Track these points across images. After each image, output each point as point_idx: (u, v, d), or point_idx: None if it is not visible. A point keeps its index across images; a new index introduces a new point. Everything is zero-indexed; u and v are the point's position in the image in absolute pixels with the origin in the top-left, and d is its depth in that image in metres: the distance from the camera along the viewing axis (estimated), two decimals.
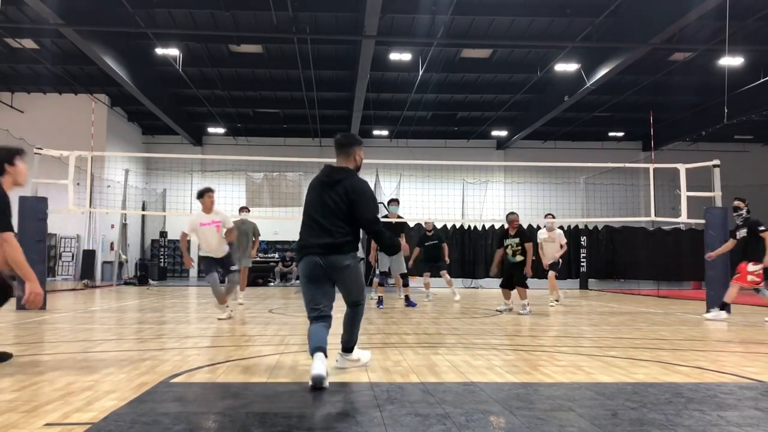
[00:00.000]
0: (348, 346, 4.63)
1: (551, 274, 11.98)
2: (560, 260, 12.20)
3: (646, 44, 16.85)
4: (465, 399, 3.69)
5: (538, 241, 12.15)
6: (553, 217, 12.27)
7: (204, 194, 8.50)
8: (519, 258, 9.94)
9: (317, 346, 4.07)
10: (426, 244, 13.01)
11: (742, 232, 9.28)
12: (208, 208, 8.48)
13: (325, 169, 4.55)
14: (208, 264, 8.61)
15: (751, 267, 8.99)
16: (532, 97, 24.22)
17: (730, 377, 4.48)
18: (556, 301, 12.06)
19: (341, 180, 4.39)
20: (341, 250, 4.35)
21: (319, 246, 4.32)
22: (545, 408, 3.45)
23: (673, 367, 4.90)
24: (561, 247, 12.06)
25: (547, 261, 11.94)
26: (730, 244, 9.66)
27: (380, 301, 11.30)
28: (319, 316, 4.32)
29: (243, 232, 11.72)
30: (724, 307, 9.28)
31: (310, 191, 4.52)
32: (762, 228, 8.99)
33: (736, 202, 9.43)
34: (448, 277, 13.17)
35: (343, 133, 4.68)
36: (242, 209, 12.41)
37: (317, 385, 3.87)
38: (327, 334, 4.24)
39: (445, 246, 13.21)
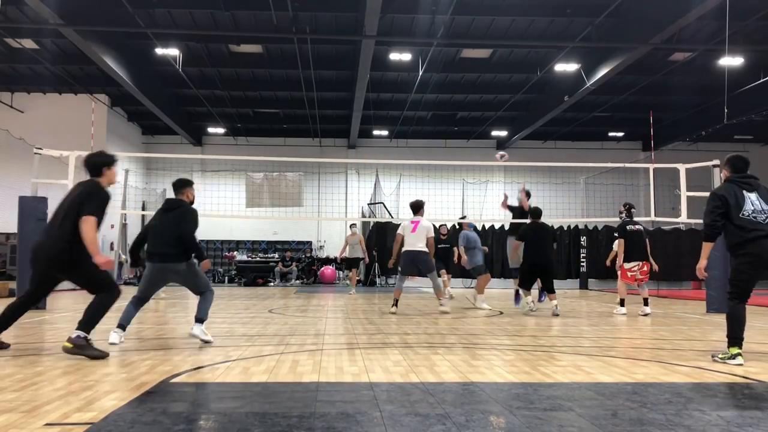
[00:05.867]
0: None
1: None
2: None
3: (646, 44, 16.84)
4: (465, 399, 3.69)
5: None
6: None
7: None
8: None
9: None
10: (439, 246, 13.30)
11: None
12: None
13: None
14: None
15: (626, 265, 10.20)
16: (532, 97, 24.22)
17: (730, 377, 4.48)
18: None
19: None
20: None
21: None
22: (545, 408, 3.45)
23: (673, 367, 4.91)
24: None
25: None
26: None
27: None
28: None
29: None
30: (623, 303, 10.41)
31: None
32: (616, 234, 10.37)
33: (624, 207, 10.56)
34: (445, 278, 13.10)
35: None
36: None
37: None
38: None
39: (456, 250, 13.09)
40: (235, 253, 24.81)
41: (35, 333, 6.92)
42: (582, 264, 20.41)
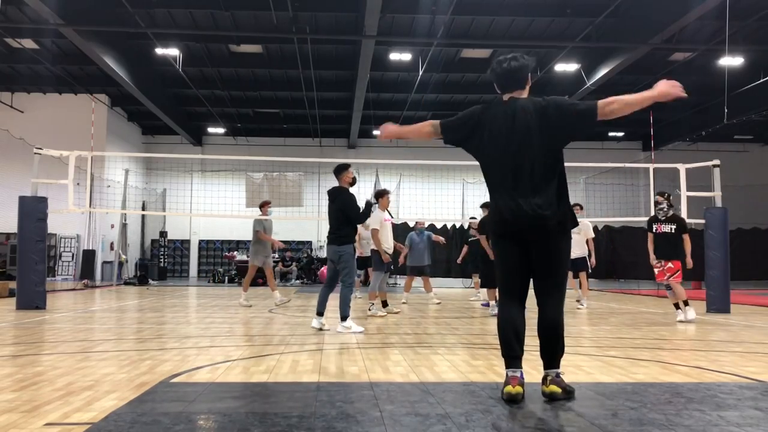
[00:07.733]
0: None
1: (582, 273, 11.37)
2: (587, 257, 11.48)
3: (646, 44, 16.85)
4: (465, 399, 3.69)
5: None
6: (581, 208, 11.46)
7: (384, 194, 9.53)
8: None
9: None
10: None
11: (664, 227, 8.84)
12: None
13: None
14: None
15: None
16: None
17: (730, 377, 4.48)
18: (578, 302, 11.43)
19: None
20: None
21: None
22: (545, 408, 3.45)
23: (673, 367, 4.91)
24: (587, 242, 11.43)
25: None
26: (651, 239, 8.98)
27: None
28: None
29: (269, 230, 11.60)
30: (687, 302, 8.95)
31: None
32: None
33: (658, 197, 8.97)
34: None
35: None
36: (265, 204, 11.69)
37: None
38: None
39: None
40: (235, 253, 24.80)
41: (35, 333, 6.92)
42: None
